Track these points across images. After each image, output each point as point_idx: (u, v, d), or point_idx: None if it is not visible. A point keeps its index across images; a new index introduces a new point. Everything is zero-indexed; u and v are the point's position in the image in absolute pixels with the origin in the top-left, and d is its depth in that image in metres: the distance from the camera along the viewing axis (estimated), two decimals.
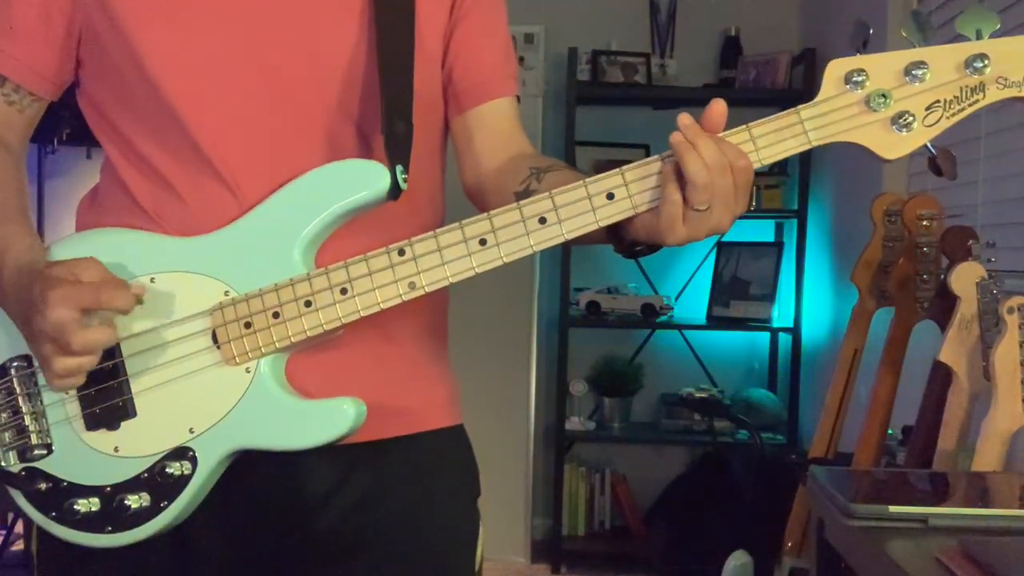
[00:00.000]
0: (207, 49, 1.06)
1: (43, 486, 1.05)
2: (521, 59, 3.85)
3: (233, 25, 1.07)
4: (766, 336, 3.97)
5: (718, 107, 0.96)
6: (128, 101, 1.09)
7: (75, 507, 1.04)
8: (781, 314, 3.89)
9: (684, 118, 0.95)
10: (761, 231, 4.01)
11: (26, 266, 1.03)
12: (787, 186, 3.82)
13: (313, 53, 1.08)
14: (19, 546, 3.25)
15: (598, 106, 3.98)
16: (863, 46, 0.99)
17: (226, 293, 1.04)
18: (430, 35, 1.14)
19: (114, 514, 1.04)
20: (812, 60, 3.64)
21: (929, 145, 0.97)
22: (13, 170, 1.12)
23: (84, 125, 1.16)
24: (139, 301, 1.03)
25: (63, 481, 1.05)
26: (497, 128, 1.19)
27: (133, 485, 1.04)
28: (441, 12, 1.16)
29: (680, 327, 3.98)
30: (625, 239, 1.03)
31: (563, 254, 3.75)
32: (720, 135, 0.96)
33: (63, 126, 3.27)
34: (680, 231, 0.96)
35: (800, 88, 3.66)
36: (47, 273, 0.99)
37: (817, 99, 0.97)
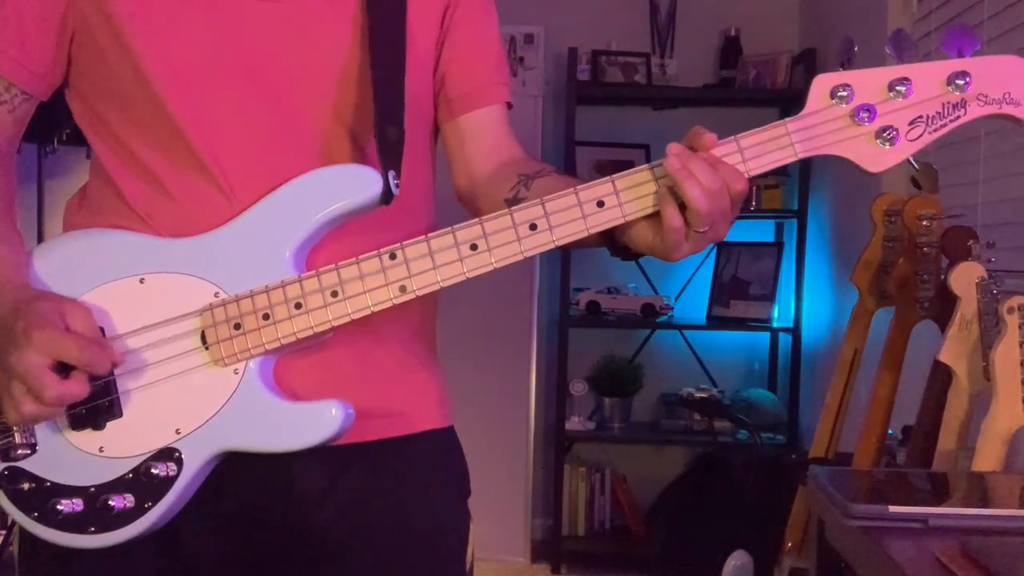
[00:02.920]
0: (202, 50, 1.06)
1: (26, 486, 1.04)
2: (521, 59, 3.85)
3: (228, 27, 1.07)
4: (766, 336, 3.97)
5: (709, 138, 0.97)
6: (121, 101, 1.09)
7: (58, 507, 1.03)
8: (781, 314, 3.88)
9: (673, 147, 0.95)
10: (761, 231, 4.01)
11: (6, 286, 1.02)
12: (787, 186, 3.82)
13: (307, 58, 1.08)
14: None
15: (598, 106, 3.98)
16: (848, 62, 1.02)
17: (216, 295, 1.04)
18: (422, 41, 1.15)
19: (98, 514, 1.03)
20: (812, 60, 3.64)
21: (911, 159, 0.99)
22: None
23: None
24: (115, 364, 1.02)
25: (46, 481, 1.04)
26: (488, 135, 1.19)
27: (118, 486, 1.03)
28: (433, 18, 1.16)
29: (680, 327, 3.98)
30: (619, 244, 1.03)
31: (563, 254, 3.75)
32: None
33: (63, 126, 3.27)
34: (684, 250, 0.98)
35: (800, 88, 3.63)
36: (34, 309, 0.98)
37: (804, 112, 0.99)
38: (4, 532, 3.34)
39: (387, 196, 1.04)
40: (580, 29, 3.92)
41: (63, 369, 0.97)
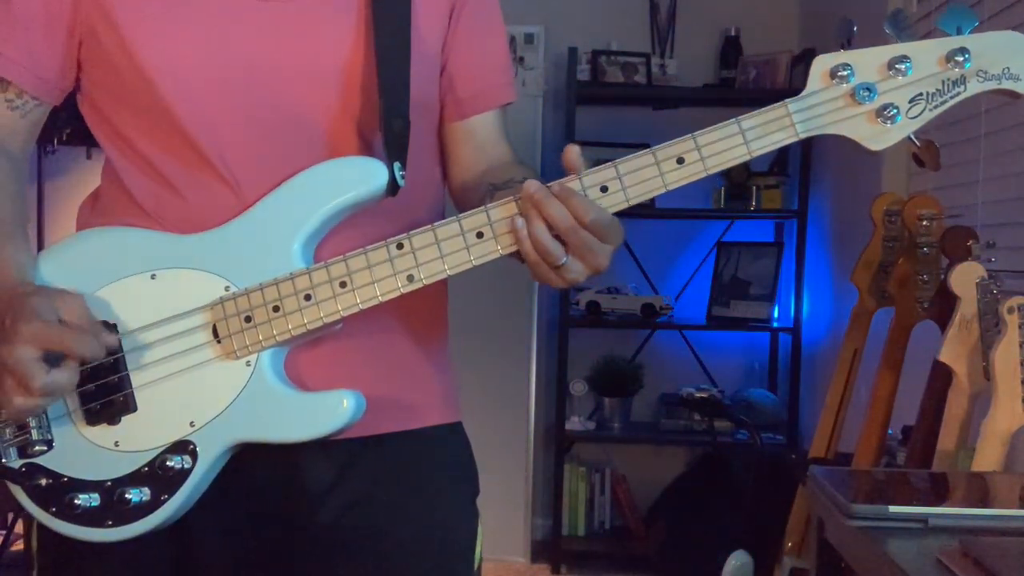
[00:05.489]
0: (204, 51, 1.07)
1: (43, 482, 1.05)
2: (521, 59, 3.85)
3: (231, 28, 1.07)
4: (766, 336, 3.97)
5: (570, 152, 0.98)
6: (128, 104, 1.10)
7: (75, 502, 1.04)
8: (781, 314, 3.89)
9: (529, 186, 0.97)
10: (761, 231, 4.01)
11: (2, 284, 1.03)
12: (787, 186, 3.82)
13: (312, 53, 1.09)
14: (19, 546, 3.25)
15: (598, 106, 3.98)
16: (847, 43, 1.03)
17: (226, 288, 1.05)
18: (428, 36, 1.15)
19: (115, 508, 1.04)
20: (812, 60, 3.63)
21: (912, 137, 1.00)
22: (8, 177, 1.12)
23: (84, 126, 1.16)
24: (111, 350, 1.03)
25: (63, 476, 1.05)
26: (480, 140, 1.21)
27: (134, 479, 1.04)
28: (439, 15, 1.17)
29: (680, 327, 3.98)
30: None
31: None
32: (584, 176, 0.99)
33: (63, 126, 3.28)
34: (556, 281, 0.99)
35: (800, 88, 3.64)
36: (24, 303, 0.99)
37: (804, 92, 1.01)
38: (4, 532, 3.34)
39: (393, 188, 1.05)
40: (580, 29, 3.92)
41: (55, 360, 0.98)
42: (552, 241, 0.97)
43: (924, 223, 1.96)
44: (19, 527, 3.23)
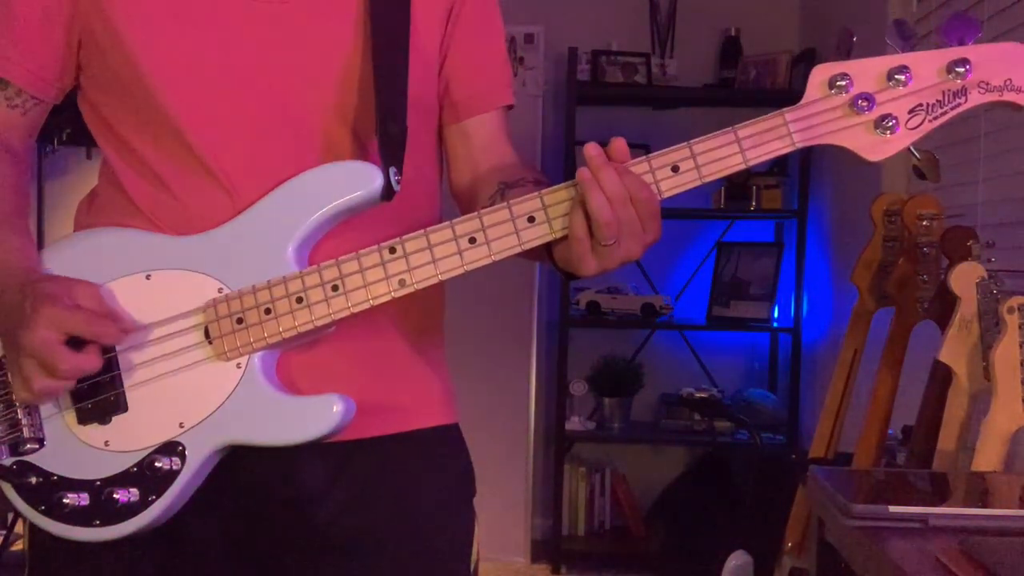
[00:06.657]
0: (202, 54, 1.07)
1: (34, 480, 1.06)
2: (521, 59, 3.85)
3: (229, 30, 1.07)
4: (766, 336, 3.97)
5: (618, 143, 0.97)
6: (126, 105, 1.10)
7: (64, 501, 1.04)
8: (781, 314, 3.89)
9: (591, 148, 0.96)
10: (761, 231, 4.01)
11: (13, 271, 1.04)
12: (787, 186, 3.82)
13: (308, 57, 1.08)
14: (19, 546, 3.25)
15: (598, 106, 3.98)
16: (847, 54, 1.01)
17: (220, 290, 1.05)
18: (426, 39, 1.15)
19: (103, 508, 1.04)
20: (812, 60, 3.64)
21: (912, 148, 0.99)
22: (10, 170, 1.13)
23: (84, 125, 1.17)
24: (126, 333, 1.04)
25: (53, 475, 1.06)
26: (483, 140, 1.21)
27: (122, 479, 1.04)
28: (437, 17, 1.17)
29: (680, 327, 3.98)
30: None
31: None
32: (658, 152, 0.98)
33: (63, 126, 3.28)
34: (590, 264, 0.98)
35: (800, 88, 3.64)
36: (41, 289, 1.00)
37: (802, 102, 0.99)
38: (4, 532, 3.34)
39: (388, 192, 1.05)
40: (580, 29, 3.92)
41: (75, 344, 0.99)
42: (612, 211, 0.94)
43: (924, 223, 1.96)
44: (19, 527, 3.23)
